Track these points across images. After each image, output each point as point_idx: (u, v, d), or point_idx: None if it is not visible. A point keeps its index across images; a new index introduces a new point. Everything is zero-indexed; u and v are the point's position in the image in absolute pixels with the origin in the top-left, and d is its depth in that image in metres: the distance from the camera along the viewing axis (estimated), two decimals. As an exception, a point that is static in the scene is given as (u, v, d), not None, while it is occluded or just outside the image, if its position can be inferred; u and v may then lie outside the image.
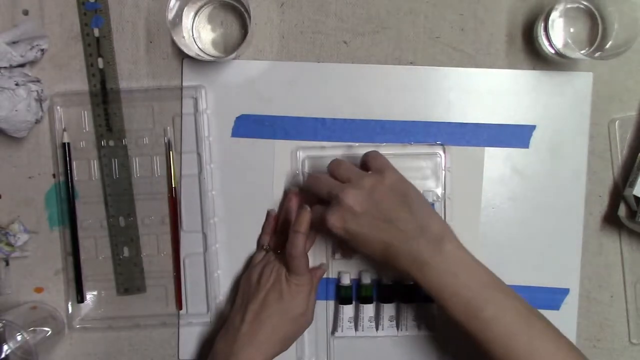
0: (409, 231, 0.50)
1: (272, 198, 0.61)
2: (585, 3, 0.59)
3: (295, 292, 0.56)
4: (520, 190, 0.61)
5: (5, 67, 0.57)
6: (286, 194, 0.61)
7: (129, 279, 0.62)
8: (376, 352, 0.61)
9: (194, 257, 0.62)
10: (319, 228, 0.55)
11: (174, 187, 0.61)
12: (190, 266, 0.62)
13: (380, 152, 0.56)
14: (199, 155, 0.61)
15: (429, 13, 0.61)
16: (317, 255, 0.61)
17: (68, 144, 0.61)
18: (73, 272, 0.61)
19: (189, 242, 0.62)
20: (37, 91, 0.58)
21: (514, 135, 0.61)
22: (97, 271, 0.62)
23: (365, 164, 0.56)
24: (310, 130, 0.61)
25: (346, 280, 0.61)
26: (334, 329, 0.61)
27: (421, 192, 0.55)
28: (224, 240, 0.62)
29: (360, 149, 0.59)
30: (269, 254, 0.60)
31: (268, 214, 0.61)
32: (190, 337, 0.62)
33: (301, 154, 0.61)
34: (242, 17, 0.60)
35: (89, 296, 0.62)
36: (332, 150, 0.61)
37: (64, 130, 0.61)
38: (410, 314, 0.60)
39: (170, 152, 0.61)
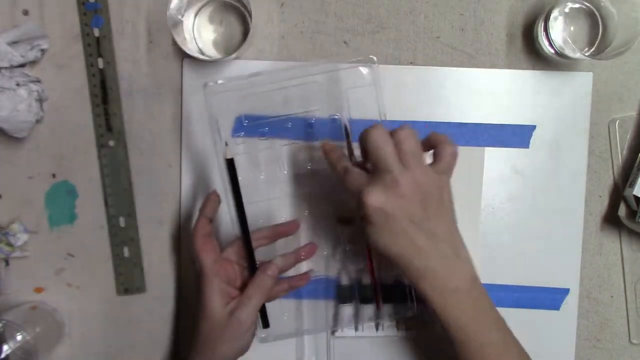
0: (445, 249, 0.48)
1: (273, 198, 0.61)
2: (585, 3, 0.59)
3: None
4: (520, 190, 0.61)
5: (6, 67, 0.57)
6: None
7: (129, 279, 0.62)
8: (376, 352, 0.61)
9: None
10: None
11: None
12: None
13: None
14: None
15: (429, 13, 0.61)
16: (315, 257, 0.61)
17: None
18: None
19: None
20: (37, 91, 0.58)
21: (514, 135, 0.61)
22: (97, 271, 0.62)
23: (433, 147, 0.50)
24: (310, 130, 0.61)
25: (346, 280, 0.61)
26: (334, 329, 0.61)
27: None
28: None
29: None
30: None
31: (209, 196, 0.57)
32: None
33: (301, 154, 0.61)
34: (242, 17, 0.60)
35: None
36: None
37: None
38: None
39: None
